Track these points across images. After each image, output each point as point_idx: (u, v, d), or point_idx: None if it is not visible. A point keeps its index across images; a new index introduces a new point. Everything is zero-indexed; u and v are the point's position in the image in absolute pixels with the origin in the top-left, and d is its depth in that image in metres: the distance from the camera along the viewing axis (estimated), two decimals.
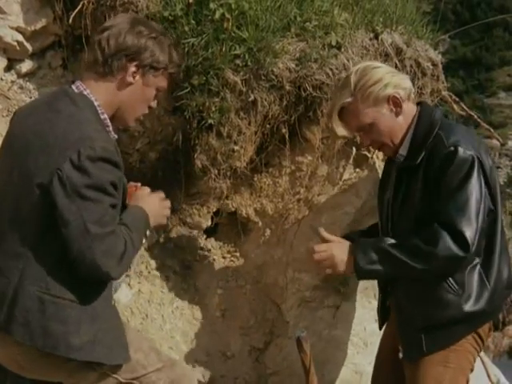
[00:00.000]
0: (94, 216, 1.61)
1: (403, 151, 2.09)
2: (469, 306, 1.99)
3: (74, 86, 1.79)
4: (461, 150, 1.94)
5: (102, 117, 1.77)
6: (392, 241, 2.04)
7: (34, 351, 1.67)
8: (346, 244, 2.14)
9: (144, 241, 1.83)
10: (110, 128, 1.80)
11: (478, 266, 2.01)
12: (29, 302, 1.65)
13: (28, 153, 1.68)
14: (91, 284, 1.70)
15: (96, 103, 1.76)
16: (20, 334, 1.65)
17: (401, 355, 2.15)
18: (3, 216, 1.71)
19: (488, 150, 2.10)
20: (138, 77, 1.81)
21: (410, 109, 2.11)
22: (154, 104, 1.93)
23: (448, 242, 1.92)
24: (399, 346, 2.16)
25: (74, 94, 1.76)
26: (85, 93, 1.77)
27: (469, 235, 1.90)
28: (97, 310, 1.73)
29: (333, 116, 2.14)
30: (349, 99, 2.07)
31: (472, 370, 2.13)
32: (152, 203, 1.91)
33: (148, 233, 1.85)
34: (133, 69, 1.79)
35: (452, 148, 1.95)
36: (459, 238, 1.91)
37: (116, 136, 1.85)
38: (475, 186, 1.93)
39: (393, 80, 2.07)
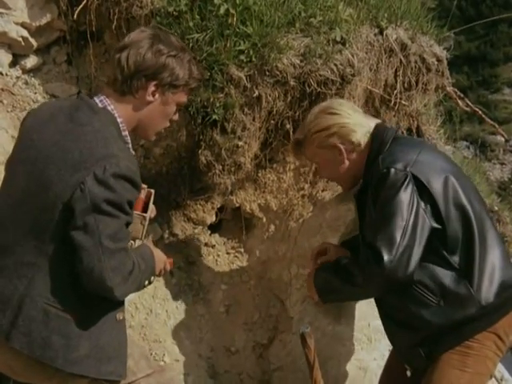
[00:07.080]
0: (108, 230, 1.60)
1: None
2: (457, 314, 1.96)
3: (97, 100, 1.76)
4: (392, 170, 1.95)
5: (123, 133, 1.77)
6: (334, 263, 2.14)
7: (29, 359, 1.66)
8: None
9: (146, 283, 1.80)
10: (130, 145, 1.80)
11: (457, 275, 1.96)
12: (33, 313, 1.64)
13: (48, 164, 1.66)
14: (99, 300, 1.68)
15: (119, 120, 1.75)
16: (19, 342, 1.64)
17: (409, 373, 2.15)
18: (19, 223, 1.69)
19: (446, 170, 2.01)
20: (157, 95, 1.79)
21: (361, 150, 2.13)
22: (175, 117, 1.92)
23: (366, 260, 1.93)
24: (404, 365, 2.16)
25: (97, 108, 1.74)
26: (109, 108, 1.75)
27: (384, 250, 1.88)
28: (99, 326, 1.71)
29: (290, 144, 2.41)
30: (301, 136, 2.22)
31: (491, 377, 2.11)
32: (160, 254, 1.92)
33: (152, 278, 1.83)
34: (152, 88, 1.77)
35: (385, 170, 1.96)
36: (375, 253, 1.90)
37: (133, 152, 1.84)
38: (403, 204, 1.91)
39: (340, 131, 2.12)
